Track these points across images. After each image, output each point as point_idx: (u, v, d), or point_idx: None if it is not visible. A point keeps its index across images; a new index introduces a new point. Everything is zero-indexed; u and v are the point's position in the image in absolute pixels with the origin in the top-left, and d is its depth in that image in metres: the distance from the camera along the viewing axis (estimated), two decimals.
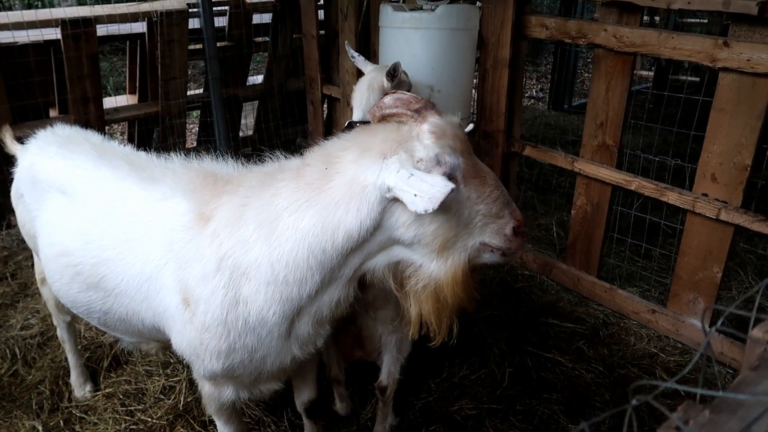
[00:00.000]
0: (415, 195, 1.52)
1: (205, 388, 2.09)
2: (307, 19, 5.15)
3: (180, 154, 2.15)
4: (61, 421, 2.83)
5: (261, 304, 1.77)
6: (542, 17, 3.46)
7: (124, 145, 2.39)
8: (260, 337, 1.83)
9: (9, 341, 3.39)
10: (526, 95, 9.56)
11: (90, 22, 4.41)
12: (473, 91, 3.91)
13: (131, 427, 2.77)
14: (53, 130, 2.47)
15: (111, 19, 4.64)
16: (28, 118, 4.71)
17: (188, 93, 5.55)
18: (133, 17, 4.73)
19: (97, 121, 4.84)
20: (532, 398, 3.00)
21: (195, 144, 6.48)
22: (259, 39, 5.84)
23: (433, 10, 3.43)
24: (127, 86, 5.86)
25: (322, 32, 5.37)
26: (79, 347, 3.07)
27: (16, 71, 4.50)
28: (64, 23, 4.29)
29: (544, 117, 7.38)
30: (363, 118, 3.21)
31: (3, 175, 4.28)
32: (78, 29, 4.35)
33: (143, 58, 5.31)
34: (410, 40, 3.49)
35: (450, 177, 1.56)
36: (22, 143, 2.53)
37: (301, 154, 1.90)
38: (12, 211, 2.72)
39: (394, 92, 1.76)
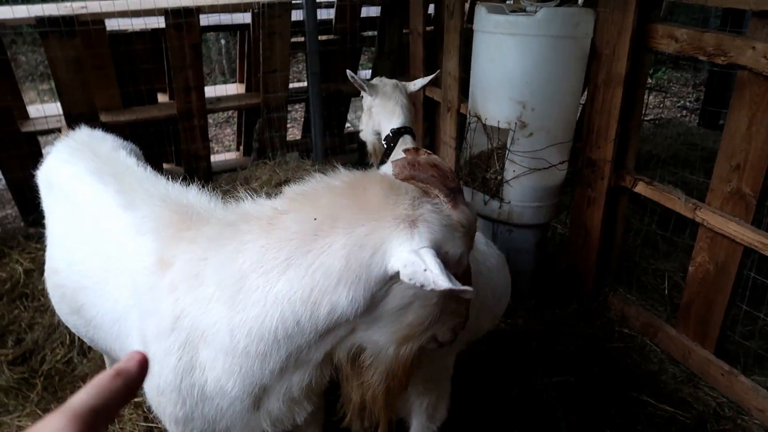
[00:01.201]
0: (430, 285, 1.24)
1: None
2: (414, 14, 4.76)
3: (169, 178, 1.93)
4: None
5: (219, 374, 1.48)
6: (671, 27, 2.76)
7: (129, 156, 2.19)
8: (221, 408, 1.54)
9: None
10: (678, 105, 8.35)
11: (192, 12, 4.39)
12: (578, 111, 3.28)
13: None
14: (74, 135, 2.35)
15: (213, 9, 4.60)
16: (138, 104, 4.88)
17: (292, 86, 5.44)
18: (235, 8, 4.66)
19: (198, 110, 4.88)
20: None
21: (300, 137, 6.40)
22: (368, 33, 5.56)
23: (534, 13, 2.88)
24: (237, 75, 5.89)
25: (430, 28, 4.95)
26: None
27: (126, 59, 4.64)
28: (167, 13, 4.31)
29: (690, 135, 6.31)
30: (406, 123, 3.07)
31: None
32: (180, 19, 4.35)
33: (249, 48, 5.27)
34: (503, 48, 2.97)
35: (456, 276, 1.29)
36: None
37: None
38: None
39: (430, 153, 1.44)
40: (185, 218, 1.67)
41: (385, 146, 3.04)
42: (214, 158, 5.72)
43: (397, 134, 3.04)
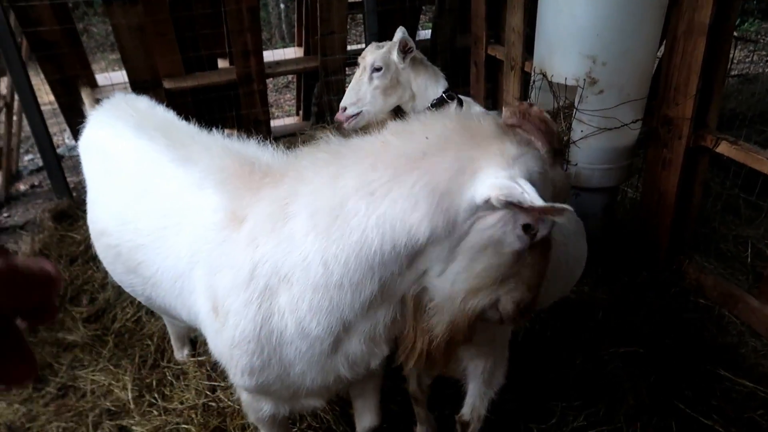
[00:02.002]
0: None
1: (243, 397, 1.90)
2: None
3: (223, 132, 1.91)
4: (154, 382, 2.90)
5: (302, 314, 1.46)
6: None
7: (169, 111, 2.19)
8: (299, 351, 1.53)
9: None
10: (767, 59, 7.68)
11: None
12: (654, 65, 3.03)
13: (209, 403, 2.73)
14: (113, 98, 2.36)
15: None
16: (199, 69, 4.93)
17: (350, 48, 5.35)
18: None
19: (257, 74, 4.88)
20: None
21: None
22: None
23: None
24: (296, 39, 5.85)
25: None
26: None
27: (187, 24, 4.67)
28: None
29: None
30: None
31: None
32: None
33: (307, 11, 5.20)
34: None
35: (528, 227, 1.31)
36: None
37: None
38: None
39: (541, 110, 1.51)
40: (253, 170, 1.64)
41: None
42: (274, 123, 5.74)
43: (450, 97, 2.99)
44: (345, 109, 3.27)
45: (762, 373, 2.79)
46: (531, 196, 1.21)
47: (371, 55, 3.17)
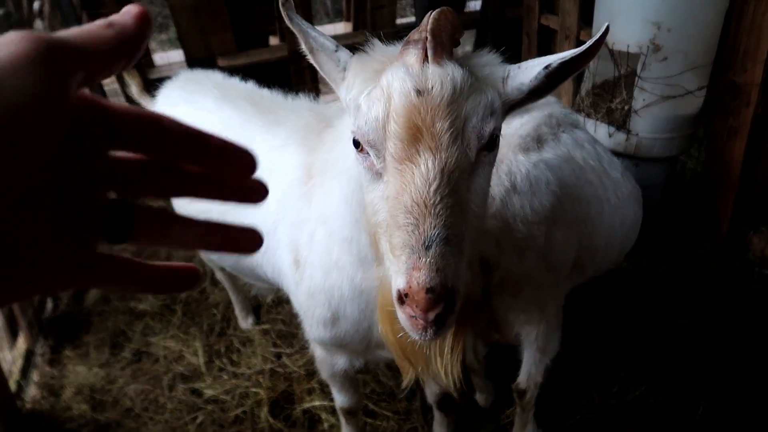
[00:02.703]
0: None
1: (317, 352, 1.98)
2: None
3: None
4: (223, 348, 3.03)
5: (349, 271, 1.52)
6: None
7: (246, 82, 2.26)
8: (360, 307, 1.59)
9: (204, 260, 3.73)
10: None
11: None
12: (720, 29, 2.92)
13: (275, 368, 2.85)
14: (177, 78, 2.44)
15: None
16: (251, 47, 5.00)
17: (399, 22, 5.32)
18: None
19: None
20: None
21: None
22: None
23: None
24: (344, 13, 5.85)
25: None
26: (243, 282, 3.23)
27: (239, 3, 4.73)
28: None
29: None
30: None
31: None
32: None
33: None
34: None
35: (358, 142, 1.10)
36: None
37: None
38: None
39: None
40: (327, 126, 1.70)
41: None
42: (324, 99, 5.79)
43: None
44: None
45: None
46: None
47: None
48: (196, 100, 2.18)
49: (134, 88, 2.65)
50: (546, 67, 1.10)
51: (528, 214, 1.67)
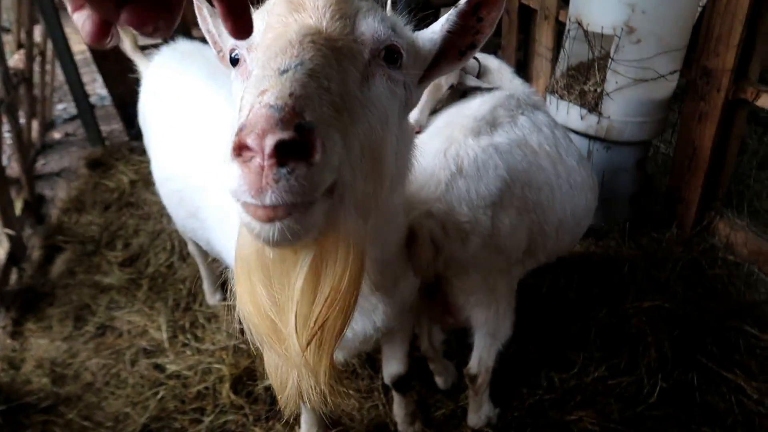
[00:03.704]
0: None
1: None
2: None
3: None
4: (186, 324, 3.01)
5: None
6: None
7: None
8: None
9: (173, 234, 3.68)
10: None
11: None
12: (695, 14, 2.90)
13: (239, 345, 2.84)
14: (175, 46, 2.41)
15: None
16: None
17: None
18: None
19: None
20: (684, 428, 2.35)
21: None
22: None
23: None
24: None
25: None
26: (211, 259, 3.20)
27: None
28: None
29: None
30: None
31: None
32: None
33: None
34: None
35: (234, 58, 1.03)
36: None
37: None
38: None
39: None
40: None
41: None
42: None
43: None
44: None
45: None
46: None
47: None
48: (188, 74, 2.16)
49: (128, 44, 2.63)
50: (456, 6, 1.12)
51: (473, 198, 1.66)
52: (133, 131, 4.94)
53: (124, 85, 4.73)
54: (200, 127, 1.99)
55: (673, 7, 2.72)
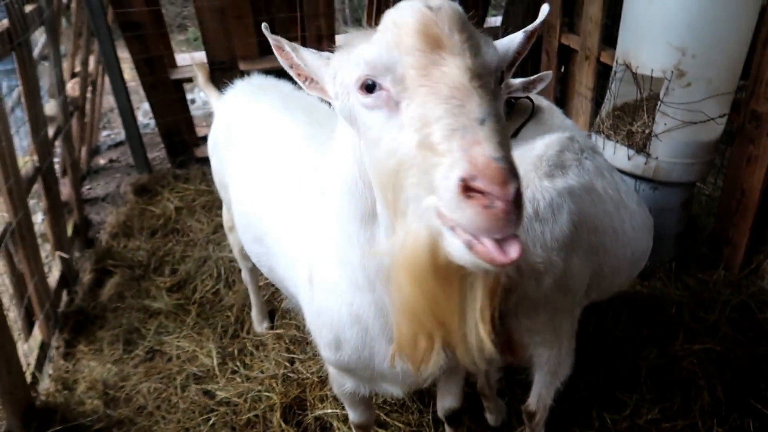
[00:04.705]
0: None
1: (330, 371, 2.00)
2: None
3: None
4: (236, 350, 3.05)
5: (348, 296, 1.53)
6: None
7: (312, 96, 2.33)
8: (360, 334, 1.57)
9: (219, 261, 3.76)
10: None
11: None
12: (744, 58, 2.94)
13: (288, 374, 2.86)
14: (249, 80, 2.55)
15: None
16: (272, 53, 5.05)
17: None
18: None
19: None
20: None
21: None
22: None
23: None
24: (365, 22, 5.90)
25: None
26: (261, 284, 3.26)
27: (264, 8, 4.79)
28: None
29: None
30: None
31: None
32: None
33: None
34: None
35: (376, 86, 1.04)
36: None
37: None
38: None
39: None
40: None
41: None
42: None
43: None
44: None
45: None
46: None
47: None
48: (261, 107, 2.27)
49: (200, 78, 2.76)
50: (525, 32, 1.26)
51: (548, 240, 1.70)
52: (177, 159, 5.09)
53: (171, 115, 4.90)
54: (274, 156, 2.08)
55: (723, 51, 2.77)
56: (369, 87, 1.04)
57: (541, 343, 1.94)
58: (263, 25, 1.30)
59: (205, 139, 5.46)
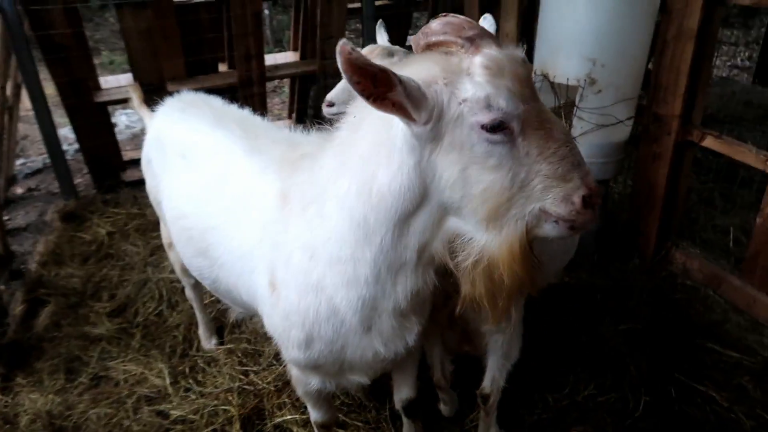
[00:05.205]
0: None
1: (293, 372, 2.07)
2: None
3: (305, 123, 2.10)
4: (187, 369, 3.03)
5: (329, 291, 1.63)
6: None
7: (244, 109, 2.39)
8: (335, 327, 1.69)
9: (159, 282, 3.71)
10: (728, 63, 8.18)
11: None
12: (647, 66, 3.31)
13: (244, 386, 2.88)
14: (179, 97, 2.55)
15: None
16: (200, 73, 5.05)
17: None
18: None
19: (258, 77, 5.04)
20: None
21: None
22: None
23: None
24: (291, 43, 6.01)
25: None
26: (206, 302, 3.26)
27: (191, 29, 4.80)
28: None
29: (744, 93, 6.22)
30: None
31: None
32: None
33: (306, 15, 5.37)
34: (574, 5, 3.03)
35: (502, 126, 1.29)
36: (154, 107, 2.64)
37: None
38: None
39: (444, 15, 1.41)
40: (303, 155, 1.81)
41: None
42: None
43: None
44: (332, 105, 3.23)
45: (745, 345, 3.08)
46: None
47: (379, 62, 3.26)
48: (193, 122, 2.28)
49: (135, 101, 2.73)
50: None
51: None
52: (105, 183, 4.95)
53: (96, 139, 4.78)
54: (217, 170, 2.11)
55: (628, 61, 3.11)
56: (495, 126, 1.29)
57: (496, 330, 2.11)
58: (369, 48, 1.41)
59: (131, 163, 5.37)
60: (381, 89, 1.26)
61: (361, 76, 1.23)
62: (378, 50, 3.24)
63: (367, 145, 1.46)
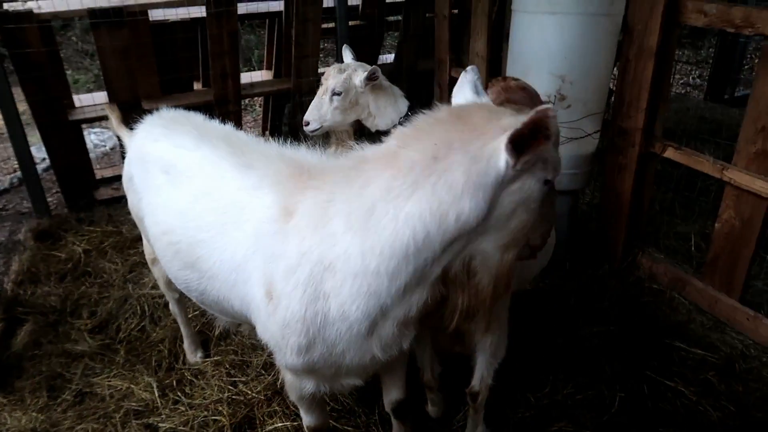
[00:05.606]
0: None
1: (287, 377, 2.11)
2: None
3: (279, 140, 2.15)
4: (174, 382, 3.04)
5: (344, 299, 1.70)
6: (701, 2, 3.02)
7: (225, 124, 2.42)
8: (340, 332, 1.75)
9: (141, 299, 3.71)
10: (681, 81, 8.62)
11: (233, 1, 4.60)
12: (611, 83, 3.53)
13: (233, 396, 2.91)
14: (159, 114, 2.54)
15: None
16: (175, 91, 5.09)
17: (320, 71, 5.66)
18: None
19: (234, 95, 5.10)
20: (644, 430, 2.72)
21: None
22: (392, 18, 5.78)
23: None
24: (265, 62, 6.10)
25: (455, 11, 5.18)
26: (190, 316, 3.28)
27: (167, 47, 4.85)
28: (208, 2, 4.51)
29: (698, 109, 6.59)
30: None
31: None
32: (221, 8, 4.56)
33: (280, 35, 5.48)
34: (543, 26, 3.22)
35: (549, 182, 1.62)
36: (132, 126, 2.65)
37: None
38: None
39: (517, 79, 1.68)
40: (302, 172, 1.88)
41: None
42: None
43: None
44: (308, 123, 3.54)
45: (709, 342, 3.28)
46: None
47: (333, 79, 3.38)
48: (176, 138, 2.28)
49: (114, 121, 2.73)
50: None
51: None
52: (81, 202, 4.91)
53: (68, 158, 4.76)
54: (199, 184, 2.13)
55: (594, 78, 3.32)
56: (549, 181, 1.61)
57: (486, 331, 2.22)
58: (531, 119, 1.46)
59: (103, 181, 5.34)
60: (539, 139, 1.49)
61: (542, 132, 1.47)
62: (334, 68, 3.42)
63: (457, 175, 1.53)
